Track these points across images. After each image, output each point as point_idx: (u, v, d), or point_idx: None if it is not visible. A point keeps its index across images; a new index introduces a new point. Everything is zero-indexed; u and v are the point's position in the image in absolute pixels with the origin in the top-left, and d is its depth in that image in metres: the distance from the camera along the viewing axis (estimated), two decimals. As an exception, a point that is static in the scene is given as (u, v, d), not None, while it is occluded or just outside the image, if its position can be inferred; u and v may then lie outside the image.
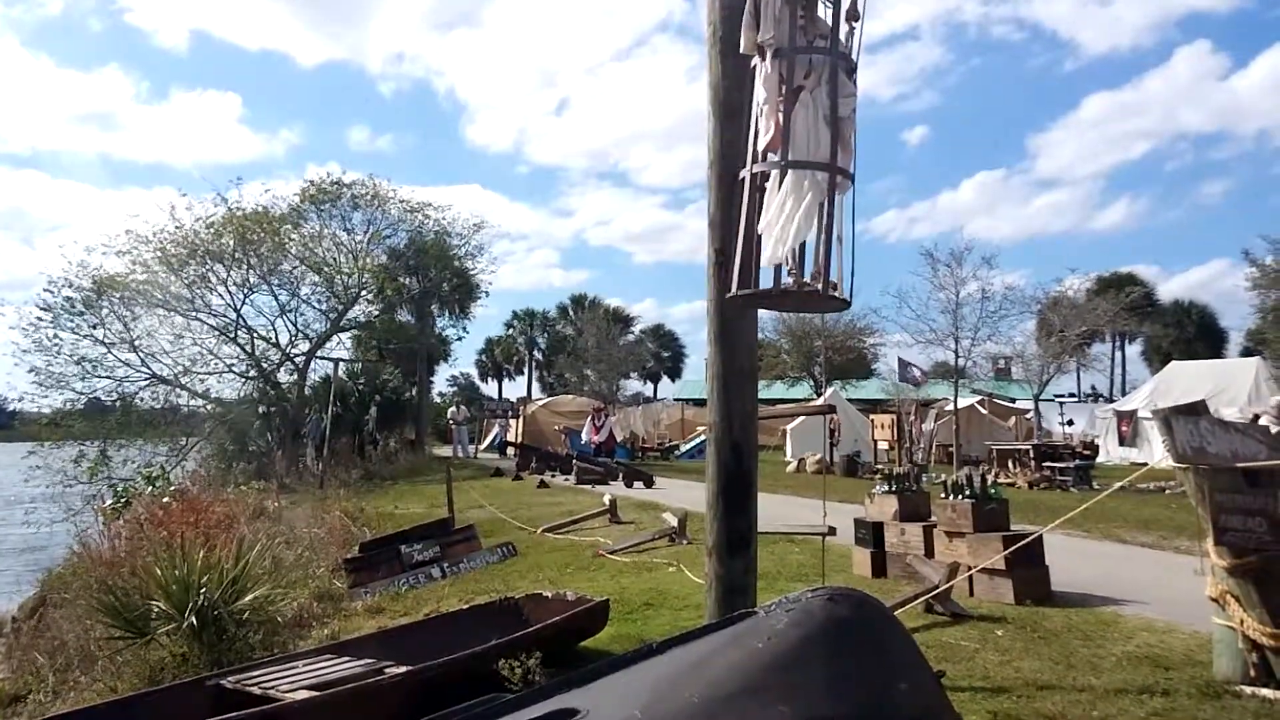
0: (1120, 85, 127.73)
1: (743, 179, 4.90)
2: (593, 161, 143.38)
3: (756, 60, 4.90)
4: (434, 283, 34.27)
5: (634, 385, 63.38)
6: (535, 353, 75.77)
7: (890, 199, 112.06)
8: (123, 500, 17.57)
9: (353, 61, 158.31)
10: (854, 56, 4.94)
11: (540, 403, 39.92)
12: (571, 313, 70.08)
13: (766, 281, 4.89)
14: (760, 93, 4.80)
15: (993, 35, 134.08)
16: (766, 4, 4.78)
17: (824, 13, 4.99)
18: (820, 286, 4.80)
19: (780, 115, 4.70)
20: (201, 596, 7.34)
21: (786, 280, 4.82)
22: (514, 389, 74.58)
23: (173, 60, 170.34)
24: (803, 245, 4.82)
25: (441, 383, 62.56)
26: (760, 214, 4.79)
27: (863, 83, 4.98)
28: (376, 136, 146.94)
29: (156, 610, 7.56)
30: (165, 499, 13.82)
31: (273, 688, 5.72)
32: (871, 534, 9.35)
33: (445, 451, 33.84)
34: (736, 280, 4.93)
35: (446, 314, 36.99)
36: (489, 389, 76.14)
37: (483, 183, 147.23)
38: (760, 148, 4.81)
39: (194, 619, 7.22)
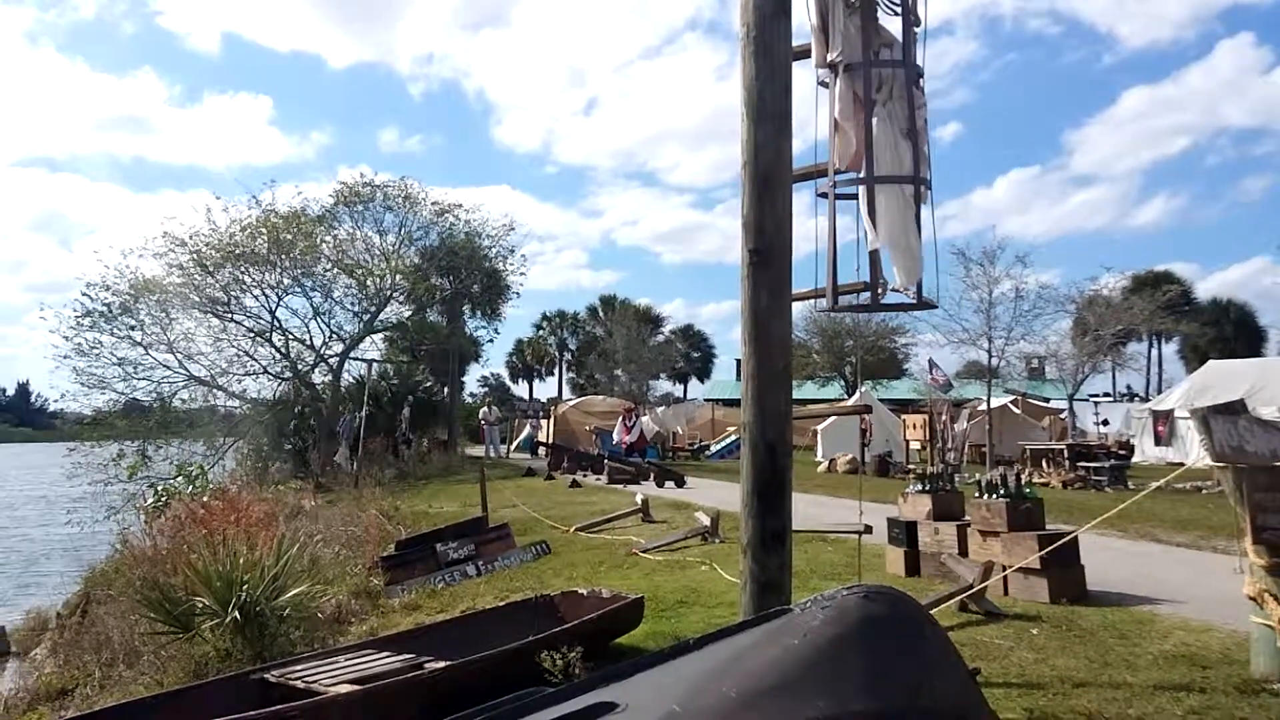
0: (1160, 80, 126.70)
1: (824, 193, 4.95)
2: (621, 161, 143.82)
3: (825, 74, 4.93)
4: (465, 284, 34.42)
5: (664, 386, 63.40)
6: (565, 353, 76.00)
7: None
8: (163, 499, 17.83)
9: (382, 63, 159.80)
10: (920, 63, 4.98)
11: (571, 403, 40.04)
12: (601, 313, 70.26)
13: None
14: (834, 108, 4.83)
15: (1028, 29, 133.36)
16: (834, 19, 4.80)
17: (884, 18, 5.02)
18: (913, 293, 4.89)
19: (860, 131, 4.74)
20: (244, 593, 7.48)
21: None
22: (544, 389, 74.95)
23: (205, 63, 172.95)
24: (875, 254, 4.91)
25: (473, 383, 62.98)
26: (834, 226, 4.88)
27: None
28: (406, 138, 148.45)
29: (200, 606, 7.70)
30: (206, 497, 14.02)
31: (315, 682, 5.83)
32: (905, 533, 9.36)
33: (477, 451, 34.03)
34: (830, 292, 4.98)
35: (477, 315, 37.20)
36: (520, 389, 76.55)
37: (511, 183, 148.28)
38: (840, 165, 4.85)
39: (237, 614, 7.35)
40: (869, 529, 8.74)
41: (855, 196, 4.94)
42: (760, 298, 5.39)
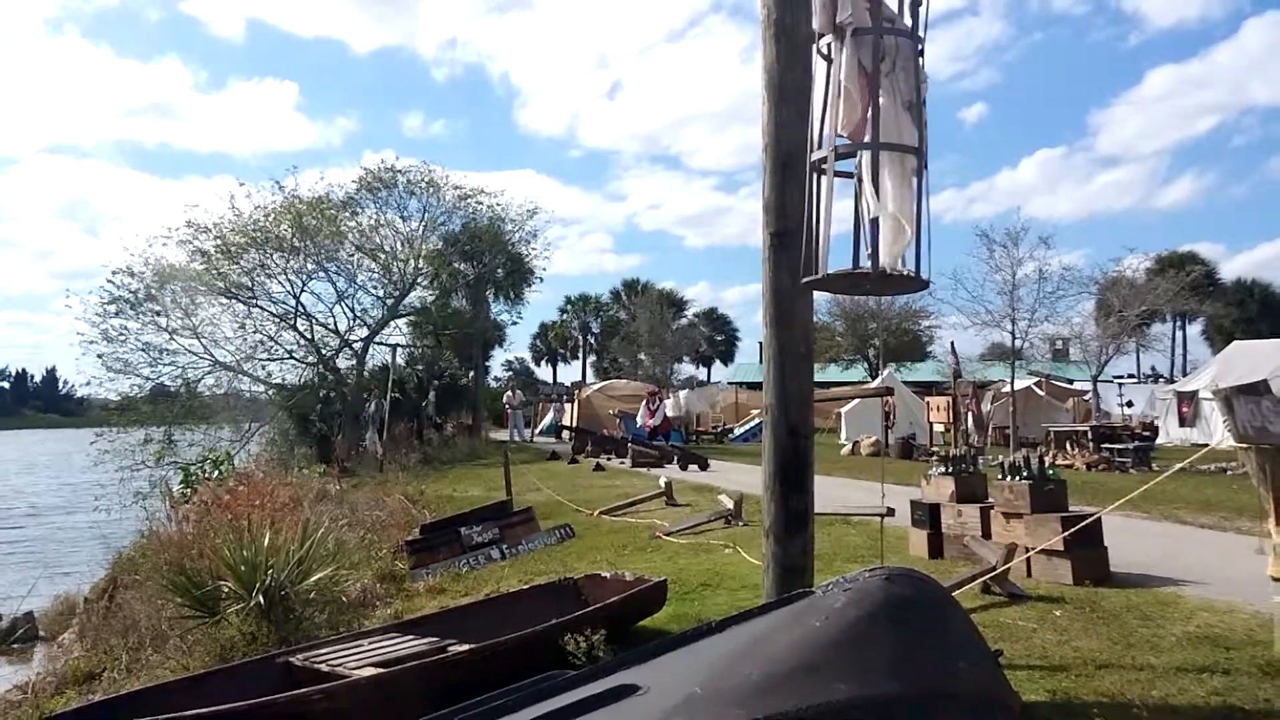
0: (1187, 58, 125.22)
1: (817, 161, 4.83)
2: (645, 145, 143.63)
3: (829, 40, 4.81)
4: (488, 268, 34.50)
5: (687, 369, 63.44)
6: (589, 337, 76.13)
7: (947, 179, 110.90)
8: (189, 484, 18.00)
9: (406, 47, 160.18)
10: (921, 37, 4.92)
11: (594, 387, 40.11)
12: (624, 297, 70.31)
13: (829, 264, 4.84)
14: (839, 73, 4.73)
15: (1054, 8, 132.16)
16: None
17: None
18: (904, 269, 4.77)
19: (864, 96, 4.65)
20: (269, 577, 7.52)
21: (865, 264, 4.77)
22: (568, 373, 75.29)
23: (230, 49, 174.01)
24: (875, 223, 4.75)
25: (497, 367, 63.16)
26: (823, 199, 4.76)
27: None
28: (430, 122, 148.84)
29: (226, 590, 7.76)
30: (232, 482, 14.14)
31: (340, 665, 5.88)
32: (928, 515, 9.34)
33: (501, 435, 34.17)
34: (804, 264, 4.89)
35: (501, 299, 37.31)
36: (544, 373, 76.91)
37: (536, 167, 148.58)
38: (841, 130, 4.73)
39: (262, 599, 7.40)
40: (892, 511, 8.73)
41: (851, 174, 4.84)
42: (782, 280, 5.38)
